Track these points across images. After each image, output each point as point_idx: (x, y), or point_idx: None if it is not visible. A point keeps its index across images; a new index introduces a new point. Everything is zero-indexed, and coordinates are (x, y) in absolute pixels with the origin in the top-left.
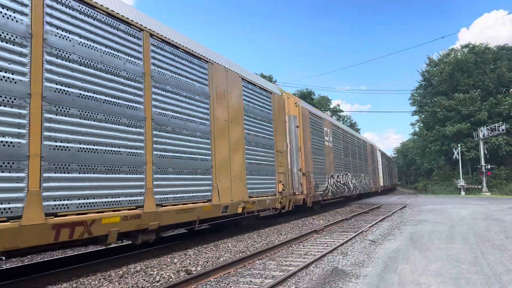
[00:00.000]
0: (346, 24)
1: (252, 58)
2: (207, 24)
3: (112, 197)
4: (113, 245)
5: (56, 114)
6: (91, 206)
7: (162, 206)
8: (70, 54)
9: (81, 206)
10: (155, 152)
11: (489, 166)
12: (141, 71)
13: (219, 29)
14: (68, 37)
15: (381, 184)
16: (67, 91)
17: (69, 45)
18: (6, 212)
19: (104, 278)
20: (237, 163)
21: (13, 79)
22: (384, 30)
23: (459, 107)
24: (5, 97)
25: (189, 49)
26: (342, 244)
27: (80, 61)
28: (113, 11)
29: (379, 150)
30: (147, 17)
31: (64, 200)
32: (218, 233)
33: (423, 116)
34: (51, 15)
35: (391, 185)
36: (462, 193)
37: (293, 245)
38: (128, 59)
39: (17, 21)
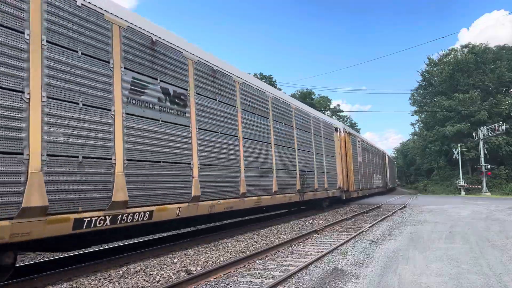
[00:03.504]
0: (346, 24)
1: (252, 57)
2: (207, 25)
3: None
4: (113, 245)
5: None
6: None
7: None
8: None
9: None
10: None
11: (489, 166)
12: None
13: (219, 29)
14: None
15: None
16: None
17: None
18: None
19: (104, 278)
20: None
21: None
22: (384, 30)
23: (459, 107)
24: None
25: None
26: (342, 244)
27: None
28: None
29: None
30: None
31: None
32: (218, 233)
33: (423, 116)
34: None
35: (393, 185)
36: (462, 193)
37: (293, 245)
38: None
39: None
